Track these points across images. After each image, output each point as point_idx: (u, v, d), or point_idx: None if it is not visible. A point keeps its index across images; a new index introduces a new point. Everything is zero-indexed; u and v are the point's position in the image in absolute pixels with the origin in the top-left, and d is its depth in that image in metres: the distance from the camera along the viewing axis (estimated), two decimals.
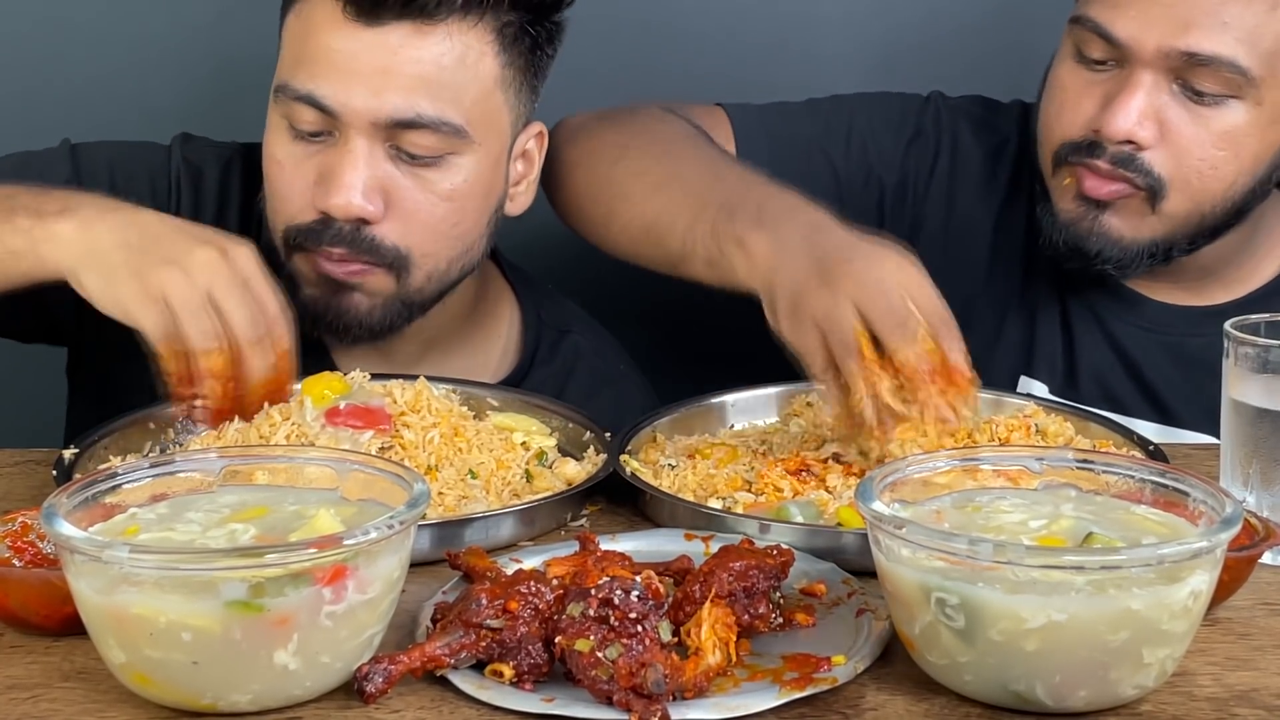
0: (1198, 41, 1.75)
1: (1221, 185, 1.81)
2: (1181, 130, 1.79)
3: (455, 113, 1.71)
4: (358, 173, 1.69)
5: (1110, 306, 1.94)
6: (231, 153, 1.91)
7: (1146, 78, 1.78)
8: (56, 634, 1.30)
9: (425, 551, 1.41)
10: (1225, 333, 1.47)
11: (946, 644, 1.19)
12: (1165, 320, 1.93)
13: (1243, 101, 1.78)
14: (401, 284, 1.74)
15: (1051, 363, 1.95)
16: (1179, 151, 1.79)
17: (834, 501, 1.50)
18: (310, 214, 1.72)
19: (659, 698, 1.16)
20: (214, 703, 1.18)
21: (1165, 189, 1.80)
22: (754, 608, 1.26)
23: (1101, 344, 1.94)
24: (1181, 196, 1.81)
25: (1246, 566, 1.34)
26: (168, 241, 1.54)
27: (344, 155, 1.69)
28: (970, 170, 2.01)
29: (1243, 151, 1.80)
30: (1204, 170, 1.80)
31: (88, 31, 2.26)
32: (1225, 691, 1.23)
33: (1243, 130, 1.79)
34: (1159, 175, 1.80)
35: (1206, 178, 1.80)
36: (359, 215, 1.70)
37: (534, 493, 1.57)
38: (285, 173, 1.73)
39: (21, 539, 1.36)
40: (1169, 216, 1.82)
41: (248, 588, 1.15)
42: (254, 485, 1.33)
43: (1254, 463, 1.45)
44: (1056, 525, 1.26)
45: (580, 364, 1.96)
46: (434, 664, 1.21)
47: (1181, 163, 1.80)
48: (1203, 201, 1.82)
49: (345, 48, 1.68)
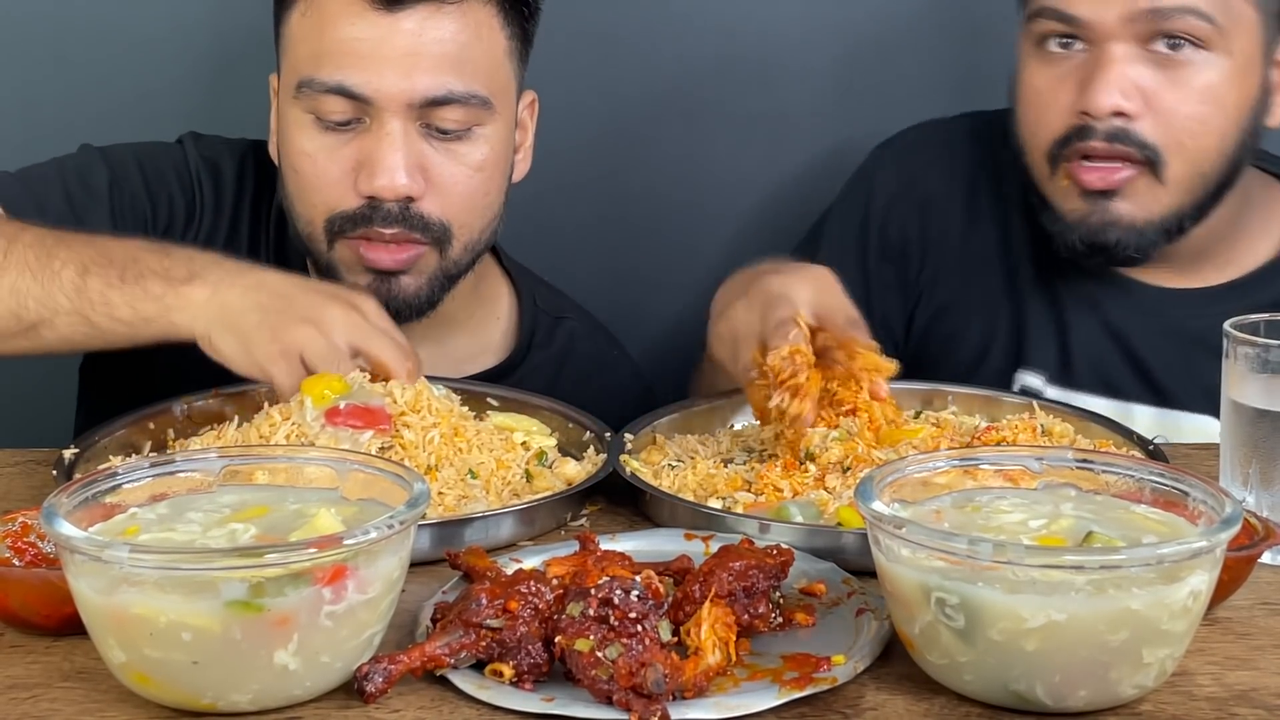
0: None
1: (1214, 140, 1.82)
2: (1164, 95, 1.80)
3: (480, 85, 1.77)
4: (399, 153, 1.75)
5: (1104, 293, 1.94)
6: (245, 147, 1.95)
7: (1118, 50, 1.79)
8: (56, 634, 1.30)
9: (425, 551, 1.41)
10: (1225, 333, 1.47)
11: (946, 644, 1.19)
12: (1160, 304, 1.93)
13: (1214, 53, 1.79)
14: (444, 258, 1.81)
15: (1046, 354, 1.95)
16: (1166, 115, 1.80)
17: (834, 501, 1.50)
18: (353, 200, 1.77)
19: (659, 697, 1.16)
20: (214, 702, 1.18)
21: (1163, 156, 1.81)
22: (754, 607, 1.26)
23: (1096, 331, 1.94)
24: (1180, 160, 1.82)
25: (1246, 566, 1.34)
26: (300, 300, 1.59)
27: (382, 139, 1.75)
28: (931, 192, 2.02)
29: (1226, 103, 1.81)
30: (1195, 129, 1.81)
31: (85, 30, 2.26)
32: (1225, 691, 1.23)
33: (1221, 83, 1.80)
34: (1153, 144, 1.81)
35: (1199, 136, 1.81)
36: (405, 194, 1.75)
37: (534, 493, 1.57)
38: (318, 164, 1.77)
39: (22, 539, 1.36)
40: (1175, 184, 1.82)
41: (248, 587, 1.15)
42: (254, 485, 1.33)
43: (1253, 463, 1.45)
44: (1056, 525, 1.26)
45: (575, 349, 1.99)
46: (434, 664, 1.21)
47: (1172, 126, 1.80)
48: (1201, 161, 1.82)
49: (370, 35, 1.73)
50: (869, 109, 2.27)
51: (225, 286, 1.59)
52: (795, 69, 2.29)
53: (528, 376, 1.92)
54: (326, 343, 1.56)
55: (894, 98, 2.26)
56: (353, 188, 1.77)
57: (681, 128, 2.32)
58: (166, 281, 1.60)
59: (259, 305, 1.58)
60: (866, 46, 2.30)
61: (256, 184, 1.92)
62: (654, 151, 2.33)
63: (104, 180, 1.84)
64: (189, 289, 1.59)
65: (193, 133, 1.95)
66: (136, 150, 1.91)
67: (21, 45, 2.25)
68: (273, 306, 1.58)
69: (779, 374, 1.55)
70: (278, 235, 1.91)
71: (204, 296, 1.59)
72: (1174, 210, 1.84)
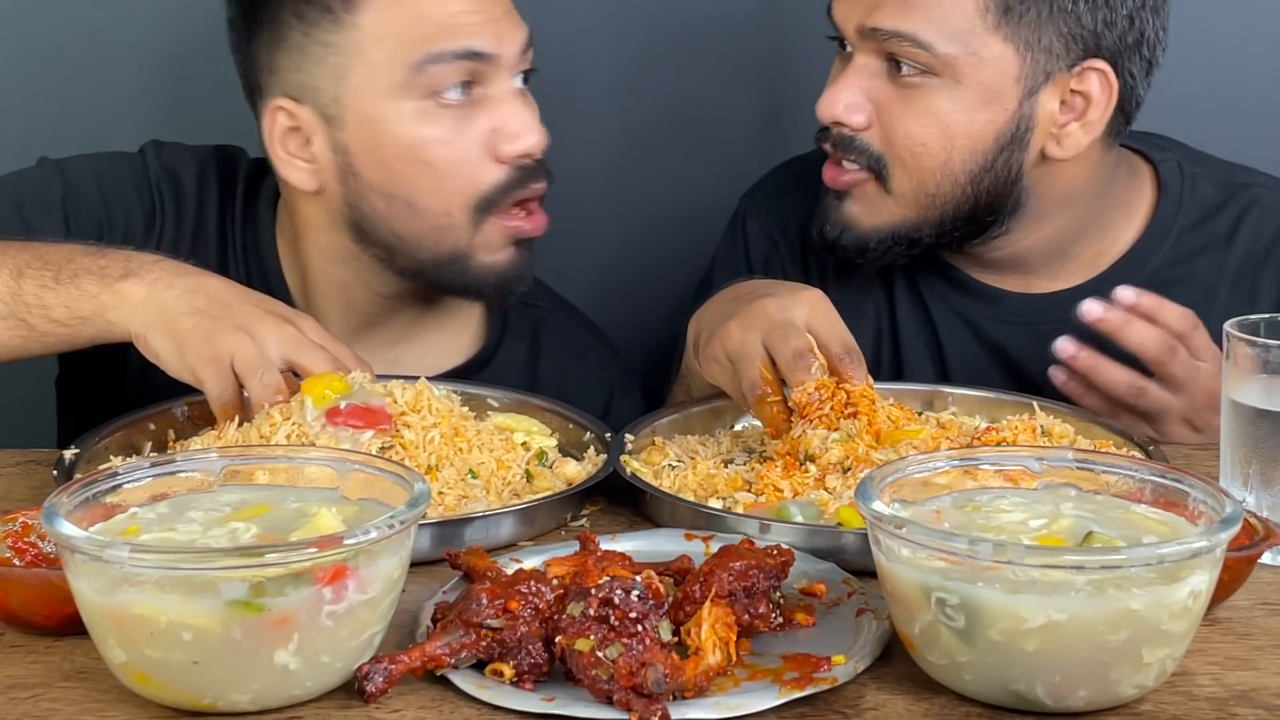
0: (883, 19, 1.79)
1: (935, 163, 1.82)
2: (889, 109, 1.82)
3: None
4: (532, 110, 1.79)
5: (971, 306, 1.94)
6: (207, 155, 1.93)
7: (859, 60, 1.82)
8: (57, 634, 1.30)
9: (425, 551, 1.41)
10: (1225, 333, 1.47)
11: (946, 644, 1.19)
12: (1029, 311, 1.91)
13: (940, 78, 1.79)
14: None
15: (924, 368, 1.95)
16: (888, 129, 1.82)
17: (834, 501, 1.50)
18: (495, 171, 1.77)
19: (659, 697, 1.16)
20: (214, 702, 1.18)
21: (887, 166, 1.83)
22: (754, 607, 1.26)
23: (971, 343, 1.94)
24: (902, 174, 1.83)
25: (1246, 566, 1.34)
26: (236, 309, 1.58)
27: (510, 98, 1.78)
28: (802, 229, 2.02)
29: (951, 129, 1.81)
30: (914, 148, 1.81)
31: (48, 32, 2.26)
32: (1225, 691, 1.23)
33: (945, 109, 1.80)
34: (878, 153, 1.83)
35: (919, 155, 1.82)
36: (542, 149, 1.79)
37: (534, 493, 1.57)
38: (452, 148, 1.76)
39: (22, 539, 1.36)
40: (900, 197, 1.84)
41: (248, 587, 1.15)
42: (255, 485, 1.33)
43: (1253, 463, 1.45)
44: (1056, 524, 1.26)
45: (548, 336, 1.99)
46: (434, 663, 1.21)
47: (893, 140, 1.82)
48: (925, 180, 1.83)
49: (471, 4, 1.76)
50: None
51: (163, 286, 1.59)
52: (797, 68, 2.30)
53: (504, 370, 1.92)
54: (258, 352, 1.55)
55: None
56: (492, 157, 1.77)
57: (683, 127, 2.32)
58: (102, 280, 1.59)
59: (195, 309, 1.57)
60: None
61: (220, 190, 1.90)
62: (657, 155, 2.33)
63: (58, 192, 1.83)
64: (124, 285, 1.59)
65: (154, 141, 1.93)
66: (94, 162, 1.89)
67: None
68: (209, 311, 1.57)
69: (805, 409, 1.57)
70: (248, 242, 1.90)
71: (140, 294, 1.58)
72: (902, 223, 1.85)
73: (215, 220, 1.89)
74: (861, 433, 1.58)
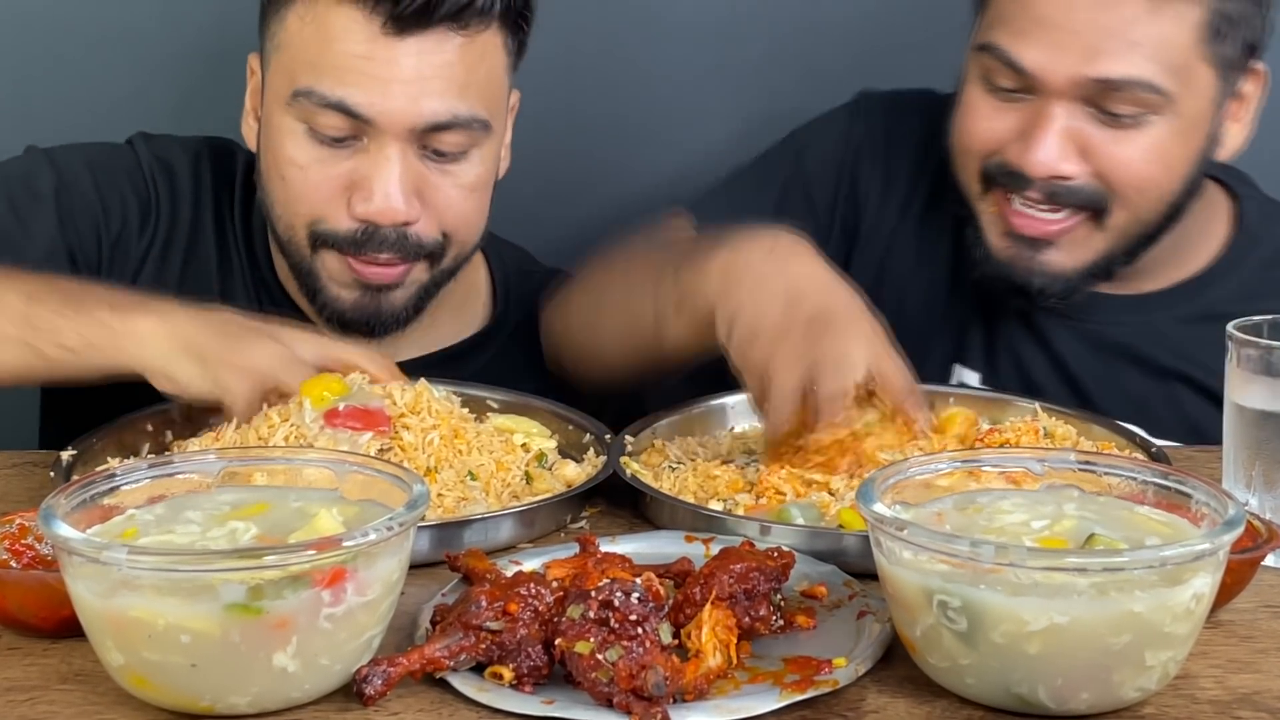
0: (1109, 67, 1.72)
1: (1158, 194, 1.80)
2: (1107, 151, 1.76)
3: (483, 109, 1.75)
4: (397, 180, 1.72)
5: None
6: (199, 146, 1.93)
7: (1059, 109, 1.75)
8: (54, 636, 1.29)
9: (425, 553, 1.40)
10: (1228, 334, 1.47)
11: (948, 646, 1.19)
12: (1085, 308, 1.90)
13: (1162, 116, 1.76)
14: (434, 269, 1.80)
15: (976, 350, 1.94)
16: (1107, 174, 1.77)
17: (835, 503, 1.50)
18: (345, 219, 1.75)
19: (659, 700, 1.15)
20: (212, 705, 1.18)
21: (1108, 203, 1.79)
22: (755, 610, 1.26)
23: (1021, 334, 1.92)
24: (1124, 211, 1.80)
25: (1249, 569, 1.34)
26: (253, 329, 1.59)
27: (381, 163, 1.72)
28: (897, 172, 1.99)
29: (1172, 163, 1.78)
30: (1141, 186, 1.78)
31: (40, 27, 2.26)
32: (1228, 694, 1.23)
33: (1167, 144, 1.77)
34: (1098, 194, 1.78)
35: (1145, 191, 1.79)
36: (403, 220, 1.73)
37: (534, 494, 1.56)
38: (308, 175, 1.75)
39: (19, 541, 1.35)
40: (1114, 231, 1.81)
41: (246, 590, 1.15)
42: (253, 486, 1.32)
43: (1256, 465, 1.45)
44: (1059, 526, 1.26)
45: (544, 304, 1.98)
46: (433, 666, 1.20)
47: (1112, 180, 1.78)
48: (1145, 213, 1.81)
49: (380, 56, 1.70)
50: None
51: (176, 316, 1.58)
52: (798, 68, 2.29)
53: (509, 345, 1.93)
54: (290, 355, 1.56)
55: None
56: (345, 207, 1.74)
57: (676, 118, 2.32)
58: (114, 310, 1.58)
59: (214, 329, 1.57)
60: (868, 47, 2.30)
61: (214, 180, 1.90)
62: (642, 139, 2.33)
63: (49, 184, 1.82)
64: (138, 318, 1.57)
65: (142, 133, 1.92)
66: (85, 152, 1.88)
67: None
68: (226, 332, 1.57)
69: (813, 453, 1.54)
70: (245, 228, 1.90)
71: (152, 326, 1.57)
72: (1105, 255, 1.83)
73: (212, 210, 1.89)
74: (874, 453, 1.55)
